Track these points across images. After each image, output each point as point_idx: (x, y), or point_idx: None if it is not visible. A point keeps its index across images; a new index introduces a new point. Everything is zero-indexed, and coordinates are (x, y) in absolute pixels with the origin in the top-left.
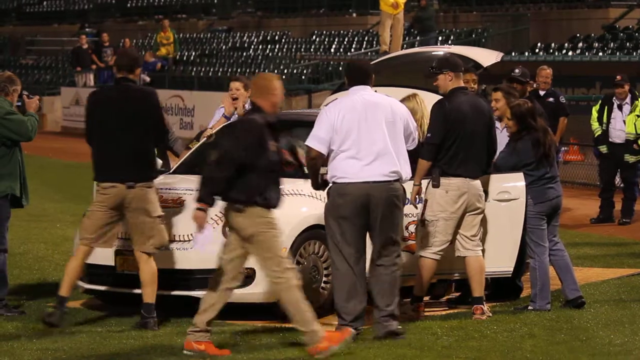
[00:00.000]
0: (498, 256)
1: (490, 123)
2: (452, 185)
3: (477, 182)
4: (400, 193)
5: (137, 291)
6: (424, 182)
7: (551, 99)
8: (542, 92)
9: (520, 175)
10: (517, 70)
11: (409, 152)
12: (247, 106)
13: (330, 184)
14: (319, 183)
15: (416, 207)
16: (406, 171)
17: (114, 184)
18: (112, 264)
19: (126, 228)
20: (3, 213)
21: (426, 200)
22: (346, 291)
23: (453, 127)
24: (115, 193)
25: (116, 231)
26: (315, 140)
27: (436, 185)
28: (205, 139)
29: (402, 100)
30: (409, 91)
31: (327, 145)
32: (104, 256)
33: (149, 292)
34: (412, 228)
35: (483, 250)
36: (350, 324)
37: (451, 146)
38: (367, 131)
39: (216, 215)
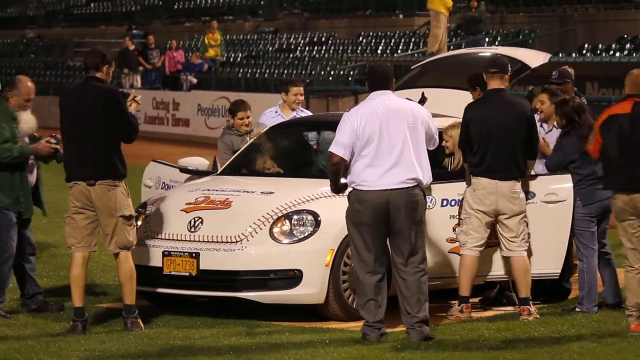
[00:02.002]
0: (545, 258)
1: (530, 124)
2: (479, 185)
3: (509, 184)
4: (419, 198)
5: (184, 292)
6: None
7: None
8: None
9: (568, 176)
10: (554, 73)
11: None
12: (300, 111)
13: (350, 189)
14: (339, 187)
15: None
16: (427, 176)
17: (76, 182)
18: (160, 265)
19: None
20: (2, 221)
21: (462, 200)
22: (366, 295)
23: (475, 129)
24: (79, 191)
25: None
26: (338, 146)
27: (468, 184)
28: (253, 139)
29: (448, 127)
30: (459, 94)
31: (349, 150)
32: (151, 257)
33: (127, 292)
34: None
35: (530, 251)
36: (372, 325)
37: (478, 148)
38: (388, 137)
39: (263, 216)
